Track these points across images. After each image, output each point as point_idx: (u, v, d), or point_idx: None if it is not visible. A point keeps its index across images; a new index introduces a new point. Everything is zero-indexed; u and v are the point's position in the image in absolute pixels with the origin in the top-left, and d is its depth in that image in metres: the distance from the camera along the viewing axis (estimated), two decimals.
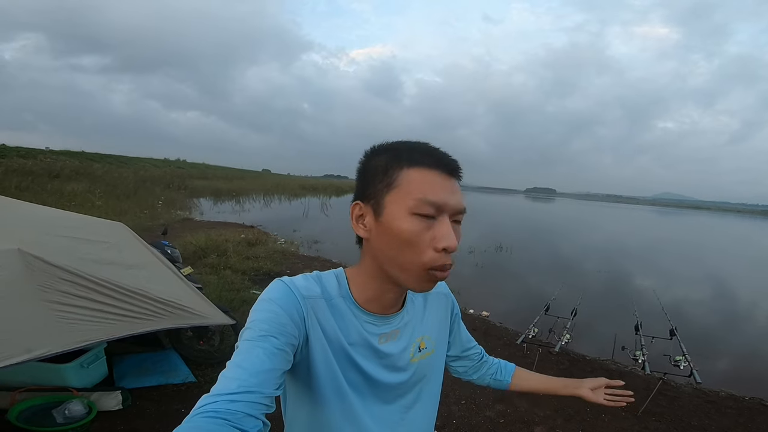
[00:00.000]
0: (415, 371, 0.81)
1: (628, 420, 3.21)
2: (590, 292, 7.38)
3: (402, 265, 0.66)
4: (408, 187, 0.65)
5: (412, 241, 0.64)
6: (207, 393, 0.57)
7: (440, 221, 0.64)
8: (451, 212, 0.66)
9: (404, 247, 0.64)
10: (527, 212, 39.61)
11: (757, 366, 5.05)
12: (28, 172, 15.72)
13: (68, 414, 2.40)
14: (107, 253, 2.69)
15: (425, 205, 0.63)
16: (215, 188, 24.64)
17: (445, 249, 0.63)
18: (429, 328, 0.85)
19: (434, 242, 0.63)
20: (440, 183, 0.65)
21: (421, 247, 0.64)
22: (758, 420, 3.39)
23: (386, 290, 0.73)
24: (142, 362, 3.19)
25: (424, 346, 0.83)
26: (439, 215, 0.65)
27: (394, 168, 0.67)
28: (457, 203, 0.66)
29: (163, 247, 3.69)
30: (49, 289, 2.10)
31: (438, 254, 0.64)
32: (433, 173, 0.65)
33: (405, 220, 0.64)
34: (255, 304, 0.68)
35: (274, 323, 0.64)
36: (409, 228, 0.64)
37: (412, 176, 0.65)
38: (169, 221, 11.05)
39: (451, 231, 0.64)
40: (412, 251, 0.64)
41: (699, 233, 30.63)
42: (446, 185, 0.66)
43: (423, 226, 0.64)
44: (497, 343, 4.59)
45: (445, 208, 0.65)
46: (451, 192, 0.66)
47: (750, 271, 13.61)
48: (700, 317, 7.14)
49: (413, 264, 0.65)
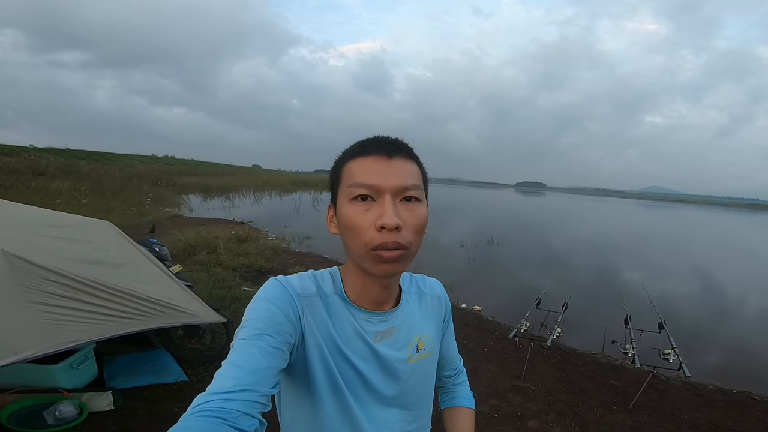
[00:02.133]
0: (412, 372, 0.80)
1: (619, 413, 3.24)
2: (580, 286, 7.45)
3: (353, 250, 0.68)
4: (347, 177, 0.69)
5: (352, 225, 0.66)
6: (202, 392, 0.56)
7: (379, 202, 0.66)
8: (392, 191, 0.66)
9: (349, 233, 0.67)
10: (518, 206, 39.90)
11: (745, 359, 5.14)
12: (11, 170, 15.45)
13: (59, 415, 2.38)
14: (93, 253, 2.64)
15: (358, 188, 0.66)
16: (205, 184, 24.41)
17: (383, 227, 0.63)
18: (426, 328, 0.84)
19: (374, 222, 0.65)
20: (374, 166, 0.67)
21: (361, 230, 0.65)
22: (747, 413, 3.45)
23: (369, 283, 0.73)
24: (133, 362, 3.15)
25: (423, 347, 0.82)
26: (378, 197, 0.66)
27: (341, 165, 0.71)
28: (396, 182, 0.66)
29: (151, 245, 3.64)
30: (34, 290, 2.06)
31: (378, 233, 0.64)
32: (368, 159, 0.68)
33: (345, 206, 0.67)
34: (250, 303, 0.68)
35: (269, 322, 0.64)
36: (348, 213, 0.67)
37: (351, 167, 0.69)
38: (158, 218, 10.92)
39: (388, 209, 0.64)
40: (354, 234, 0.66)
41: (685, 226, 31.10)
42: (381, 167, 0.67)
43: (361, 209, 0.66)
44: (490, 337, 4.61)
45: (382, 189, 0.66)
46: (389, 173, 0.67)
47: (736, 264, 13.87)
48: (688, 310, 7.24)
49: (358, 246, 0.66)
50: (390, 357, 0.76)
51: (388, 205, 0.64)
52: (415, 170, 0.70)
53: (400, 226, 0.63)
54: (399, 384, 0.78)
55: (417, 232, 0.67)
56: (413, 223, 0.66)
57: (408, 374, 0.79)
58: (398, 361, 0.77)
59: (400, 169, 0.68)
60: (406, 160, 0.69)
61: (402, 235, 0.64)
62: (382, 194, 0.65)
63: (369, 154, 0.68)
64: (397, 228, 0.63)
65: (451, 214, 21.08)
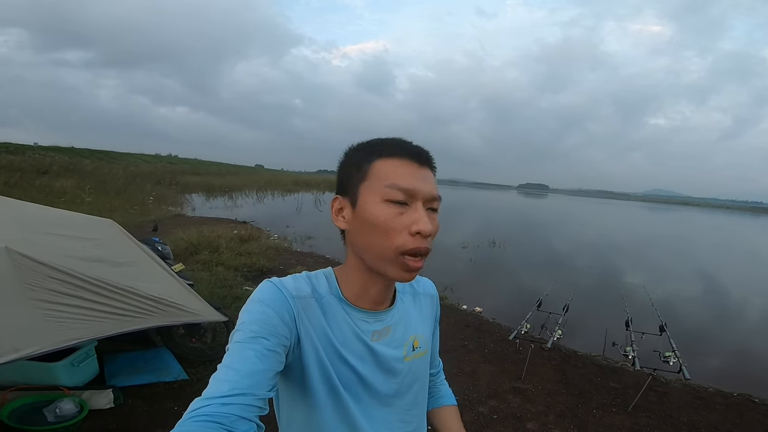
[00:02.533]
0: (408, 371, 0.80)
1: (618, 415, 3.24)
2: (582, 288, 7.43)
3: (376, 251, 0.67)
4: (379, 175, 0.67)
5: (384, 226, 0.65)
6: (202, 391, 0.56)
7: (413, 207, 0.66)
8: (423, 199, 0.67)
9: (378, 233, 0.66)
10: (520, 208, 39.80)
11: (745, 362, 5.13)
12: (16, 168, 15.52)
13: (59, 413, 2.39)
14: (96, 251, 2.66)
15: (396, 191, 0.65)
16: (207, 184, 24.46)
17: (419, 232, 0.64)
18: (421, 327, 0.85)
19: (408, 226, 0.64)
20: (410, 170, 0.67)
21: (394, 232, 0.65)
22: (746, 416, 3.44)
23: (371, 283, 0.73)
24: (134, 360, 3.17)
25: (418, 345, 0.82)
26: (412, 202, 0.66)
27: (367, 161, 0.69)
28: (429, 190, 0.67)
29: (154, 244, 3.66)
30: (37, 288, 2.07)
31: (411, 237, 0.64)
32: (403, 162, 0.68)
33: (377, 206, 0.66)
34: (244, 306, 0.67)
35: (264, 324, 0.64)
36: (381, 213, 0.65)
37: (383, 166, 0.67)
38: (160, 217, 10.96)
39: (425, 215, 0.65)
40: (385, 236, 0.65)
41: (688, 229, 30.97)
42: (417, 173, 0.67)
43: (395, 212, 0.65)
44: (490, 339, 4.60)
45: (417, 195, 0.66)
46: (422, 179, 0.67)
47: (738, 267, 13.81)
48: (689, 313, 7.22)
49: (387, 249, 0.65)
50: (387, 355, 0.76)
51: (423, 212, 0.65)
52: (435, 181, 0.72)
53: (433, 234, 0.66)
54: (396, 383, 0.79)
55: (434, 239, 0.69)
56: (435, 232, 0.68)
57: (404, 373, 0.79)
58: (395, 360, 0.78)
59: (429, 179, 0.69)
60: (431, 170, 0.71)
61: (429, 242, 0.66)
62: (416, 200, 0.66)
63: (402, 157, 0.68)
64: (430, 235, 0.65)
65: (453, 216, 21.06)
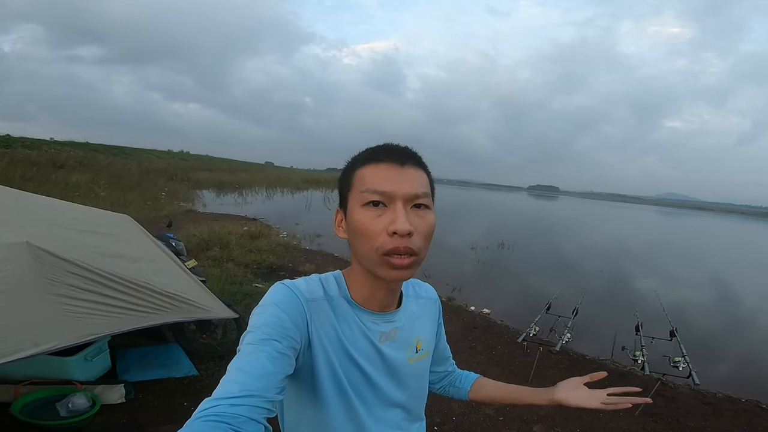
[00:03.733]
0: (412, 373, 0.83)
1: (625, 420, 3.23)
2: (592, 292, 7.38)
3: (363, 254, 0.70)
4: (359, 183, 0.70)
5: (364, 230, 0.68)
6: (212, 387, 0.58)
7: (391, 208, 0.68)
8: (403, 198, 0.68)
9: (360, 237, 0.69)
10: (530, 210, 39.51)
11: (754, 368, 5.07)
12: (32, 163, 15.76)
13: (72, 407, 2.41)
14: (114, 246, 2.71)
15: (371, 194, 0.68)
16: (218, 180, 24.64)
17: (395, 232, 0.65)
18: (423, 330, 0.87)
19: (386, 227, 0.66)
20: (387, 173, 0.69)
21: (373, 234, 0.67)
22: (755, 422, 3.41)
23: (376, 287, 0.75)
24: (145, 356, 3.21)
25: (421, 348, 0.85)
26: (390, 203, 0.68)
27: (352, 171, 0.73)
28: (408, 189, 0.69)
29: (168, 240, 3.71)
30: (57, 283, 2.11)
31: (389, 238, 0.66)
32: (380, 166, 0.70)
33: (357, 212, 0.69)
34: (257, 308, 0.69)
35: (276, 327, 0.65)
36: (360, 218, 0.68)
37: (363, 173, 0.71)
38: (173, 213, 11.08)
39: (401, 215, 0.66)
40: (366, 239, 0.68)
41: (702, 235, 30.51)
42: (395, 174, 0.69)
43: (373, 215, 0.68)
44: (498, 341, 4.61)
45: (394, 195, 0.68)
46: (401, 180, 0.69)
47: (751, 274, 13.58)
48: (700, 319, 7.13)
49: (370, 251, 0.68)
50: (394, 358, 0.79)
51: (401, 212, 0.66)
52: (425, 178, 0.73)
53: (411, 232, 0.66)
54: (402, 384, 0.81)
55: (426, 238, 0.70)
56: (423, 230, 0.69)
57: (409, 374, 0.82)
58: (401, 362, 0.80)
59: (412, 177, 0.70)
60: (416, 169, 0.72)
61: (413, 241, 0.67)
62: (394, 201, 0.68)
63: (381, 161, 0.70)
64: (409, 234, 0.66)
65: (463, 217, 20.98)
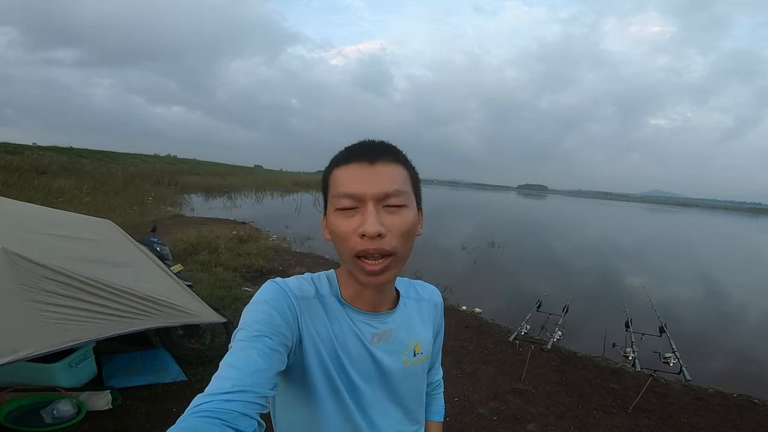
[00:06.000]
0: (408, 376, 0.80)
1: (618, 417, 3.23)
2: (581, 289, 7.43)
3: (342, 257, 0.70)
4: (332, 186, 0.69)
5: (338, 234, 0.67)
6: (201, 392, 0.56)
7: (362, 210, 0.66)
8: (373, 199, 0.65)
9: (337, 241, 0.69)
10: (519, 209, 39.82)
11: (745, 363, 5.12)
12: (14, 168, 15.47)
13: (57, 414, 2.38)
14: (94, 252, 2.64)
15: (342, 199, 0.67)
16: (207, 184, 24.46)
17: (363, 234, 0.64)
18: (423, 333, 0.85)
19: (357, 229, 0.65)
20: (356, 174, 0.67)
21: (345, 237, 0.66)
22: (747, 417, 3.44)
23: (362, 287, 0.74)
24: (132, 361, 3.15)
25: (419, 351, 0.82)
26: (361, 204, 0.66)
27: (329, 174, 0.72)
28: (378, 189, 0.65)
29: (152, 245, 3.64)
30: (33, 289, 2.06)
31: (360, 240, 0.65)
32: (350, 167, 0.68)
33: (332, 215, 0.69)
34: (248, 306, 0.68)
35: (267, 324, 0.64)
36: (334, 222, 0.68)
37: (335, 176, 0.69)
38: (160, 218, 10.94)
39: (369, 216, 0.64)
40: (341, 243, 0.68)
41: (688, 231, 31.00)
42: (363, 175, 0.66)
43: (346, 218, 0.66)
44: (490, 340, 4.60)
45: (364, 197, 0.65)
46: (371, 179, 0.66)
47: (737, 268, 13.81)
48: (689, 314, 7.22)
49: (345, 254, 0.68)
50: (386, 362, 0.76)
51: (370, 213, 0.64)
52: (401, 174, 0.69)
53: (382, 233, 0.64)
54: (395, 388, 0.79)
55: (403, 236, 0.67)
56: (399, 228, 0.66)
57: (404, 378, 0.79)
58: (394, 365, 0.77)
59: (383, 175, 0.67)
60: (390, 164, 0.68)
61: (386, 242, 0.64)
62: (364, 202, 0.65)
63: (351, 162, 0.68)
64: (380, 235, 0.63)
65: (453, 217, 21.07)
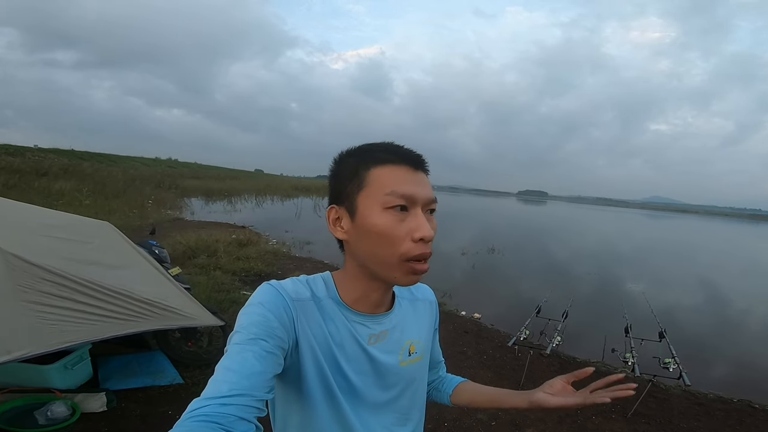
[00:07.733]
0: (404, 376, 0.80)
1: (618, 422, 3.21)
2: (581, 295, 7.42)
3: (382, 260, 0.67)
4: (377, 184, 0.67)
5: (387, 235, 0.65)
6: (197, 395, 0.56)
7: (414, 213, 0.66)
8: (422, 203, 0.67)
9: (381, 242, 0.66)
10: (519, 215, 39.84)
11: (745, 368, 5.10)
12: (15, 170, 15.49)
13: (51, 415, 2.37)
14: (91, 253, 2.64)
15: (396, 198, 0.65)
16: (207, 188, 24.46)
17: (422, 239, 0.65)
18: (418, 333, 0.84)
19: (410, 233, 0.65)
20: (407, 176, 0.67)
21: (398, 240, 0.65)
22: (747, 422, 3.42)
23: (372, 289, 0.73)
24: (128, 363, 3.14)
25: (414, 351, 0.82)
26: (412, 207, 0.67)
27: (362, 169, 0.69)
28: (427, 194, 0.68)
29: (151, 247, 3.63)
30: (29, 290, 2.05)
31: (415, 244, 0.65)
32: (400, 168, 0.68)
33: (378, 215, 0.66)
34: (243, 308, 0.67)
35: (263, 326, 0.64)
36: (383, 222, 0.65)
37: (380, 173, 0.67)
38: (159, 221, 10.94)
39: (425, 221, 0.66)
40: (389, 245, 0.66)
41: (688, 237, 31.00)
42: (414, 178, 0.68)
43: (397, 219, 0.65)
44: (489, 345, 4.58)
45: (416, 200, 0.66)
46: (420, 184, 0.68)
47: (736, 274, 13.79)
48: (689, 320, 7.19)
49: (392, 257, 0.66)
50: (383, 360, 0.76)
51: (423, 218, 0.66)
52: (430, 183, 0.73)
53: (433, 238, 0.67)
54: (391, 387, 0.78)
55: None
56: (434, 233, 0.69)
57: (400, 378, 0.79)
58: (391, 365, 0.77)
59: (425, 182, 0.70)
60: (425, 173, 0.72)
61: (430, 245, 0.67)
62: (415, 205, 0.67)
63: (398, 163, 0.68)
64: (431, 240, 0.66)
65: (453, 222, 21.06)
